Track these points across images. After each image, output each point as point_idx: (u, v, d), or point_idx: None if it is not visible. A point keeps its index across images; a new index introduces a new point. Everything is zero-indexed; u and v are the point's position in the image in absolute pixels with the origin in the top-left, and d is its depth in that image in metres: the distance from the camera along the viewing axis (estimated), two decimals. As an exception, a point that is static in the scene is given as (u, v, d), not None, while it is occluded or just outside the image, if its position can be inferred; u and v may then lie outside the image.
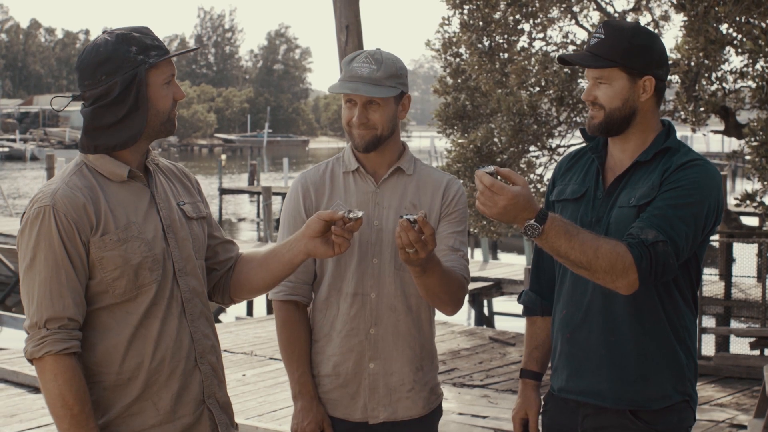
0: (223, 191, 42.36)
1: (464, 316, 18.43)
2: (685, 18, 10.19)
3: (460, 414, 9.02)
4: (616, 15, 12.42)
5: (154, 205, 3.40)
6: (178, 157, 50.69)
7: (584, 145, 3.85)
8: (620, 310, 3.56)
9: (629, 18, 12.59)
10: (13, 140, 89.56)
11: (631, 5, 12.81)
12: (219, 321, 18.65)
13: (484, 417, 8.92)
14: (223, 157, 48.34)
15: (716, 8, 9.68)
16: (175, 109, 3.42)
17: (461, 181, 3.85)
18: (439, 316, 16.05)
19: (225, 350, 11.77)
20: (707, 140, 74.06)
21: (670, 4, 10.94)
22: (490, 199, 3.25)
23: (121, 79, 3.26)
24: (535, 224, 3.28)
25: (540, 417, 3.92)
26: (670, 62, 10.99)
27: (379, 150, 3.92)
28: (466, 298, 16.21)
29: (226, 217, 40.92)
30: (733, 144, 15.02)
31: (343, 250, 3.49)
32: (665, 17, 12.72)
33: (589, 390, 3.64)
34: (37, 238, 3.21)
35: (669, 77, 11.57)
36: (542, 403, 3.93)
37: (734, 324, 14.34)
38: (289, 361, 3.99)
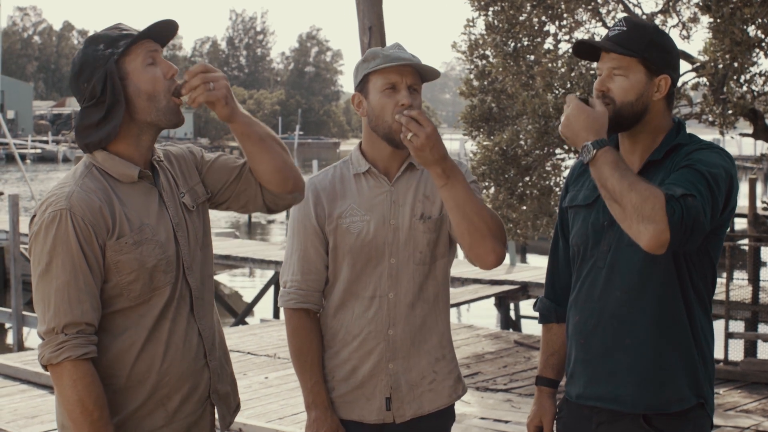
0: (252, 193, 42.47)
1: (490, 319, 18.35)
2: (711, 20, 10.09)
3: (483, 418, 8.96)
4: (644, 17, 12.32)
5: (163, 204, 3.38)
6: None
7: None
8: (633, 313, 3.52)
9: (657, 20, 12.48)
10: (46, 142, 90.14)
11: (659, 7, 12.69)
12: (245, 323, 18.69)
13: (507, 422, 8.85)
14: (253, 159, 48.33)
15: (743, 10, 9.58)
16: (173, 94, 3.32)
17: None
18: (465, 318, 15.98)
19: (248, 352, 11.78)
20: (739, 143, 73.56)
21: (697, 6, 10.82)
22: (565, 112, 3.44)
23: (97, 79, 3.24)
24: (590, 147, 3.33)
25: (554, 424, 3.87)
26: (698, 64, 10.91)
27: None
28: (492, 301, 16.09)
29: (256, 219, 41.02)
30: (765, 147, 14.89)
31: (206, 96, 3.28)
32: (694, 19, 12.59)
33: (606, 395, 3.59)
34: (54, 242, 3.17)
35: (697, 79, 11.54)
36: (556, 410, 3.88)
37: (762, 329, 14.18)
38: (302, 370, 3.93)
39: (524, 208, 12.34)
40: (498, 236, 3.67)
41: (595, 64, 10.24)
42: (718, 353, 12.23)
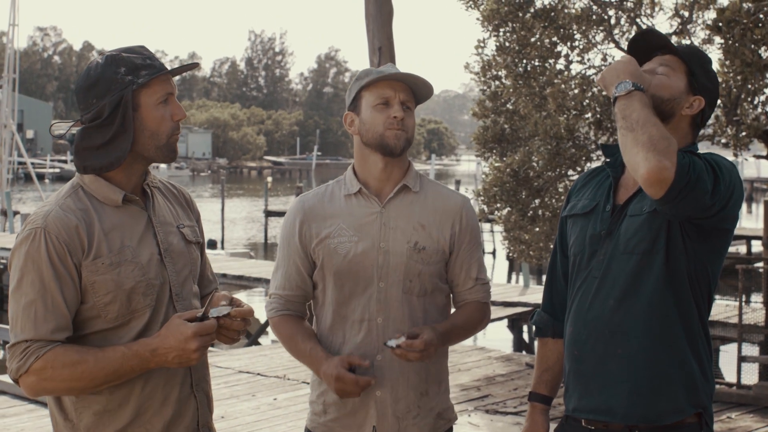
0: (269, 213, 42.65)
1: (504, 341, 18.26)
2: (722, 41, 10.05)
3: (491, 441, 8.89)
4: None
5: (150, 228, 3.34)
6: (224, 179, 50.82)
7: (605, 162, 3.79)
8: (625, 322, 3.48)
9: (672, 41, 12.42)
10: (65, 161, 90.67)
11: (674, 29, 12.65)
12: (258, 343, 18.65)
13: (515, 445, 8.77)
14: (269, 179, 48.50)
15: (753, 31, 9.54)
16: (177, 134, 3.34)
17: (468, 196, 3.84)
18: (479, 340, 15.84)
19: (258, 373, 11.73)
20: (758, 165, 73.25)
21: (707, 27, 10.76)
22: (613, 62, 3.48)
23: (109, 102, 3.22)
24: (630, 84, 3.35)
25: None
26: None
27: (391, 164, 3.84)
28: (505, 323, 16.04)
29: (272, 240, 41.09)
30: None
31: (229, 343, 3.36)
32: (708, 40, 12.55)
33: (599, 407, 3.54)
34: (25, 259, 3.16)
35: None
36: (549, 427, 3.83)
37: (777, 352, 14.04)
38: (297, 348, 3.84)
39: (537, 229, 12.28)
40: (481, 328, 3.97)
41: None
42: (731, 377, 12.12)
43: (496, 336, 19.10)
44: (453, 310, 3.94)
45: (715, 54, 10.84)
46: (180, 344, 3.12)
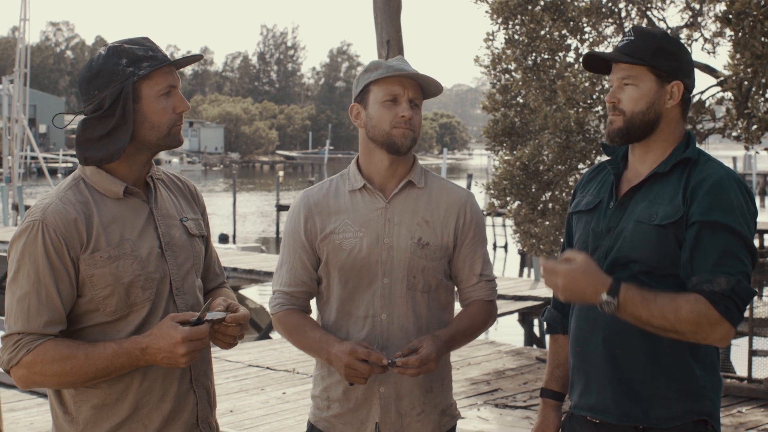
0: (280, 208, 42.73)
1: (514, 335, 18.22)
2: (732, 33, 9.99)
3: (500, 436, 8.87)
4: (670, 31, 12.21)
5: (152, 221, 3.33)
6: (236, 173, 50.90)
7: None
8: (627, 324, 3.41)
9: (683, 35, 12.37)
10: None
11: (685, 21, 12.58)
12: (269, 337, 18.65)
13: (524, 439, 8.75)
14: (281, 173, 48.54)
15: (764, 23, 9.47)
16: (179, 125, 3.32)
17: (479, 190, 3.79)
18: (490, 333, 15.79)
19: (267, 367, 11.73)
20: (771, 159, 73.00)
21: (717, 18, 10.69)
22: (551, 282, 3.28)
23: (110, 93, 3.20)
24: (609, 299, 3.23)
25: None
26: (722, 78, 10.80)
27: (397, 161, 3.80)
28: (515, 317, 16.01)
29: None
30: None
31: (226, 348, 3.34)
32: (719, 33, 12.48)
33: (596, 406, 3.53)
34: (22, 251, 3.16)
35: (721, 94, 11.43)
36: (560, 423, 3.81)
37: (789, 346, 13.98)
38: (305, 339, 3.78)
39: (547, 223, 12.22)
40: (486, 328, 3.93)
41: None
42: (742, 371, 12.08)
43: (507, 330, 19.06)
44: (458, 307, 3.92)
45: (725, 46, 10.77)
46: (169, 347, 3.11)
